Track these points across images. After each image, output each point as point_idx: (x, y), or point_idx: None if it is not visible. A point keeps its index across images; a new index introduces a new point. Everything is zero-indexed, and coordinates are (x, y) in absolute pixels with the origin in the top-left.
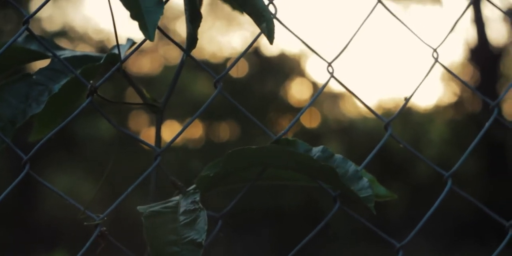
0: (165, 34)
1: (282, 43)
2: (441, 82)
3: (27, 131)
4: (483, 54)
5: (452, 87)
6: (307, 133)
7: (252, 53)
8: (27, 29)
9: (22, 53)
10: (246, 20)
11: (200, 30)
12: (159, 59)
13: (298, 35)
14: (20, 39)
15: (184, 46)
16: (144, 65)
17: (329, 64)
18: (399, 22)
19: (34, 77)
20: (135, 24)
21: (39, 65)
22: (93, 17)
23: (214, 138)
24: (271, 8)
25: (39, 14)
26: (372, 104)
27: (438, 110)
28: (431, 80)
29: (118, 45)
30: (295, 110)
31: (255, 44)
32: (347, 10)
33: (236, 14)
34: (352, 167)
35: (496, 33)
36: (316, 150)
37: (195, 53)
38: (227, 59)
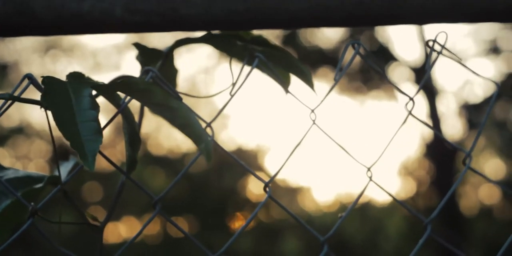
0: (106, 158)
1: (239, 139)
2: (398, 176)
3: None
4: (439, 149)
5: (409, 182)
6: (265, 228)
7: None
8: None
9: None
10: (203, 115)
11: (158, 125)
12: (116, 154)
13: (237, 159)
14: None
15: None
16: (101, 161)
17: None
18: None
19: None
20: None
21: None
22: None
23: (172, 234)
24: (208, 130)
25: None
26: (328, 199)
27: (395, 205)
28: (388, 175)
29: (58, 168)
30: (253, 205)
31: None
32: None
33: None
34: None
35: (452, 128)
36: None
37: (153, 148)
38: (185, 155)
